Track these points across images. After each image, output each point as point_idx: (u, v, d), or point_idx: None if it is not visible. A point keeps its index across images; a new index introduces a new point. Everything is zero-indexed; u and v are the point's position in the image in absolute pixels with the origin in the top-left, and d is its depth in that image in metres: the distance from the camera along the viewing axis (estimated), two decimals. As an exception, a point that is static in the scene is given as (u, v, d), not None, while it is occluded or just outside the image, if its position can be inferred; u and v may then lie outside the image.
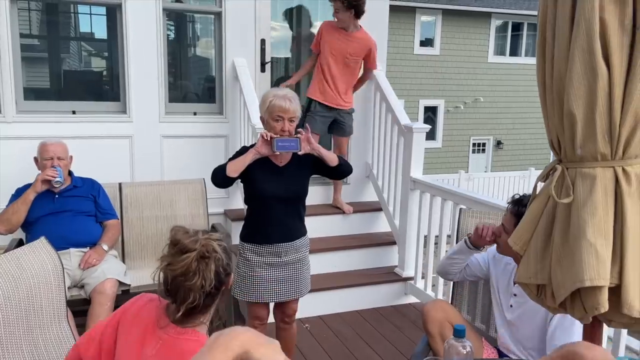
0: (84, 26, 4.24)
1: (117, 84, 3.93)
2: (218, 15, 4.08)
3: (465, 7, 14.89)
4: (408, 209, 3.94)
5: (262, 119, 2.55)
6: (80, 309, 2.84)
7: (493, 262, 2.34)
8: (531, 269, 1.28)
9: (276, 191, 2.51)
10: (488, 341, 2.36)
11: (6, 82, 3.56)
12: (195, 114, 4.13)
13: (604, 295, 1.14)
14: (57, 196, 3.11)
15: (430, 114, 15.29)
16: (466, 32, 15.14)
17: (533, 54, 15.13)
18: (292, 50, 4.77)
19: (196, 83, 4.54)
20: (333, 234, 4.21)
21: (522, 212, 1.64)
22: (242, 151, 2.54)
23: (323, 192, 4.34)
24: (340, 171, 2.62)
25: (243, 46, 4.12)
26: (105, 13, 4.03)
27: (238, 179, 2.52)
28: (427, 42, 14.99)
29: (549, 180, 1.30)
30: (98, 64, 4.42)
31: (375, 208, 4.38)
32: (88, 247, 3.08)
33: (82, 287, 2.94)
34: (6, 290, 1.82)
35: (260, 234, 2.55)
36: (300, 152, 2.46)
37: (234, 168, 2.45)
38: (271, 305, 2.71)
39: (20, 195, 3.04)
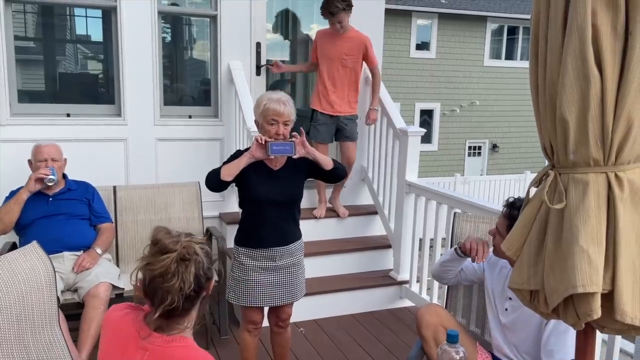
0: (79, 29, 4.23)
1: (112, 87, 3.92)
2: (213, 18, 4.07)
3: (461, 11, 14.95)
4: (403, 213, 3.94)
5: (257, 123, 2.54)
6: (73, 313, 2.83)
7: (488, 266, 2.34)
8: (524, 275, 1.27)
9: (271, 195, 2.50)
10: (483, 345, 2.35)
11: (0, 85, 3.55)
12: (190, 117, 4.12)
13: (597, 301, 1.14)
14: (51, 199, 3.09)
15: (426, 117, 15.32)
16: (462, 36, 15.20)
17: (528, 58, 15.17)
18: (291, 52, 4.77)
19: (191, 86, 4.53)
20: (328, 238, 4.20)
21: (516, 215, 1.64)
22: (237, 155, 2.53)
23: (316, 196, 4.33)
24: (335, 175, 2.61)
25: (238, 49, 4.12)
26: (100, 16, 4.02)
27: (233, 183, 2.52)
28: (423, 46, 15.04)
29: (542, 185, 1.30)
30: (93, 67, 4.41)
31: (370, 211, 4.38)
32: (82, 251, 3.07)
33: (76, 291, 2.92)
34: (-3, 294, 1.81)
35: (254, 238, 2.54)
36: (294, 156, 2.45)
37: (228, 172, 2.44)
38: (265, 309, 2.70)
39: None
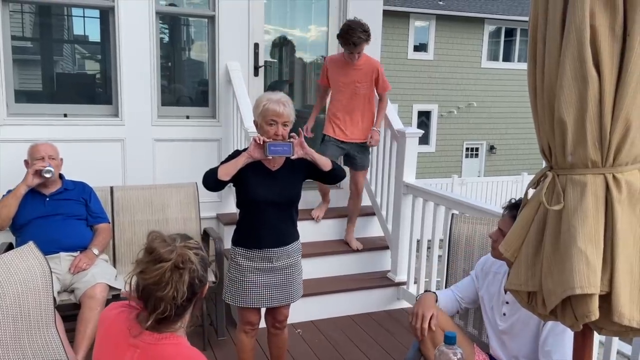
0: (77, 29, 4.22)
1: (110, 87, 3.91)
2: (211, 18, 4.07)
3: (458, 13, 14.98)
4: (401, 214, 3.94)
5: (256, 123, 2.54)
6: (70, 314, 2.82)
7: (481, 274, 2.33)
8: (522, 276, 1.27)
9: (269, 195, 2.50)
10: (480, 347, 2.35)
11: (-3, 85, 3.54)
12: (188, 118, 4.11)
13: (595, 303, 1.14)
14: (48, 199, 3.09)
15: (423, 119, 15.34)
16: (460, 38, 15.22)
17: (526, 60, 15.17)
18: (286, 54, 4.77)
19: (189, 86, 4.53)
20: (325, 239, 4.20)
21: None
22: (235, 155, 2.52)
23: (316, 197, 4.33)
24: (333, 176, 2.61)
25: (236, 50, 4.11)
26: (98, 16, 4.01)
27: (230, 183, 2.51)
28: (421, 47, 15.06)
29: (540, 187, 1.30)
30: (90, 67, 4.40)
31: (368, 213, 4.38)
32: (78, 251, 3.05)
33: (72, 292, 2.91)
34: (-7, 295, 1.80)
35: (251, 239, 2.54)
36: (292, 157, 2.45)
37: (226, 171, 2.44)
38: (262, 310, 2.70)
39: (10, 197, 3.01)
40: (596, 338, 2.13)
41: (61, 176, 3.21)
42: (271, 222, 2.53)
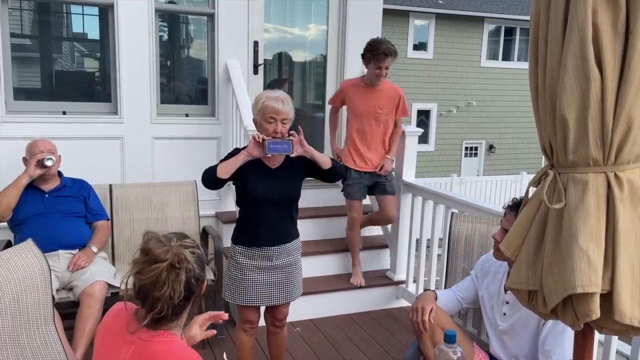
0: (76, 26, 4.21)
1: (109, 85, 3.90)
2: (211, 16, 4.06)
3: (458, 12, 14.97)
4: (400, 213, 3.93)
5: (255, 121, 2.53)
6: (68, 312, 2.82)
7: (481, 274, 2.33)
8: (522, 275, 1.27)
9: (268, 193, 2.49)
10: (480, 346, 2.35)
11: (-4, 82, 3.53)
12: (187, 116, 4.10)
13: (596, 302, 1.13)
14: (47, 196, 3.08)
15: (423, 118, 15.33)
16: (459, 37, 15.21)
17: (525, 59, 15.22)
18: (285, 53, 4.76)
19: (188, 84, 4.52)
20: (325, 237, 4.19)
21: None
22: (234, 153, 2.52)
23: (315, 195, 4.32)
24: (332, 174, 2.60)
25: (236, 48, 4.10)
26: (97, 13, 3.99)
27: (229, 181, 2.51)
28: (421, 46, 15.04)
29: (541, 185, 1.29)
30: (89, 65, 4.38)
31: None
32: (77, 249, 3.05)
33: (71, 290, 2.90)
34: (-8, 293, 1.79)
35: (251, 237, 2.53)
36: (292, 155, 2.44)
37: (225, 169, 2.43)
38: (262, 308, 2.69)
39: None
40: (596, 337, 2.13)
41: (60, 173, 3.20)
42: (271, 220, 2.53)
